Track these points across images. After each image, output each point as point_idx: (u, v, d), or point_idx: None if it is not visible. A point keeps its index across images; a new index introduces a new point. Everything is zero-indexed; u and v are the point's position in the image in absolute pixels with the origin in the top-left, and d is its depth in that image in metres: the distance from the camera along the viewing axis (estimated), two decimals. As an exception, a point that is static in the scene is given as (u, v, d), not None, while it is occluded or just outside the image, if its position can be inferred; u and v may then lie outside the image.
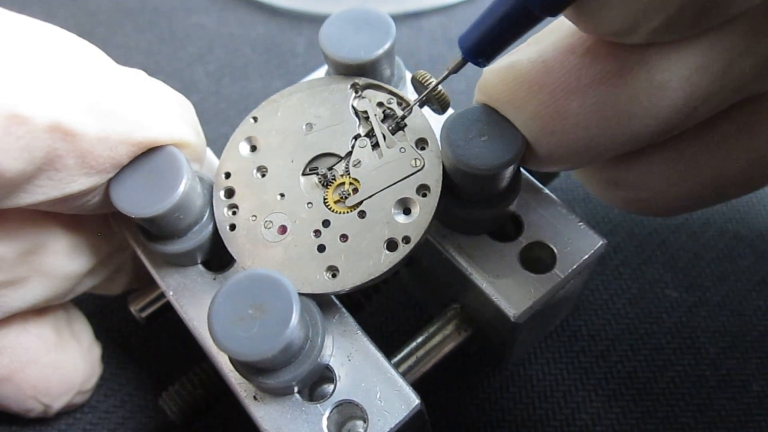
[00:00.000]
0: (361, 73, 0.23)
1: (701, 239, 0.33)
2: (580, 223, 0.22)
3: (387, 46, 0.22)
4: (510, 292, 0.21)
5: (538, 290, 0.21)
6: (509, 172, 0.20)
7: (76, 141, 0.18)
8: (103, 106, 0.19)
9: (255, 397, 0.20)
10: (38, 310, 0.25)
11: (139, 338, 0.30)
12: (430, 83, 0.22)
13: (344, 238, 0.21)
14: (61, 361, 0.25)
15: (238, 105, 0.38)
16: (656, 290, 0.32)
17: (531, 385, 0.29)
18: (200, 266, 0.23)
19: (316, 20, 0.43)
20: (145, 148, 0.20)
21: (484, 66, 0.20)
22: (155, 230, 0.21)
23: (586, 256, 0.21)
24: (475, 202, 0.21)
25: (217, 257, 0.23)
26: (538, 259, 0.22)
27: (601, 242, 0.22)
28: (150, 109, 0.20)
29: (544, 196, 0.23)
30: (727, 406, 0.28)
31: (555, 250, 0.22)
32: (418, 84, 0.22)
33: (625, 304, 0.31)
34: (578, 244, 0.22)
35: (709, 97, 0.18)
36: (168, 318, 0.26)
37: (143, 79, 0.21)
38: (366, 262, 0.20)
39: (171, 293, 0.22)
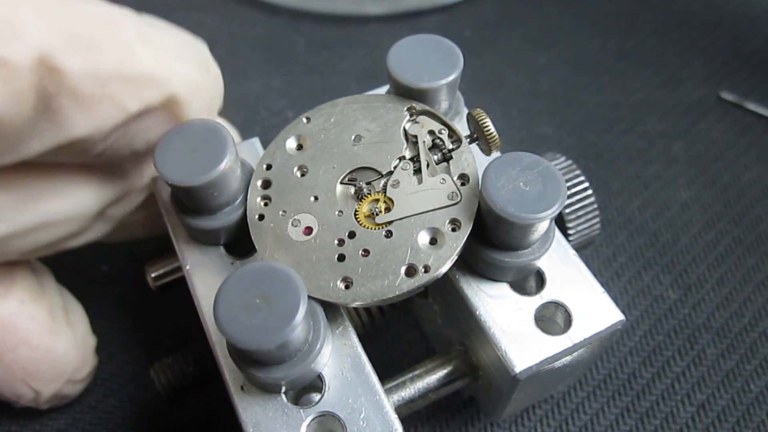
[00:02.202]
0: (420, 98, 0.23)
1: (701, 241, 0.33)
2: (604, 294, 0.22)
3: (450, 78, 0.22)
4: (517, 347, 0.21)
5: (546, 351, 0.21)
6: (543, 225, 0.20)
7: (62, 78, 0.18)
8: (85, 40, 0.18)
9: (242, 388, 0.20)
10: (36, 294, 0.25)
11: (140, 338, 0.30)
12: (485, 122, 0.22)
13: (366, 253, 0.21)
14: (54, 346, 0.25)
15: (237, 104, 0.38)
16: (656, 292, 0.32)
17: (531, 386, 0.29)
18: (222, 248, 0.23)
19: (316, 19, 0.43)
20: (143, 86, 0.19)
21: None
22: (188, 202, 0.22)
23: (602, 329, 0.21)
24: (504, 248, 0.21)
25: (240, 244, 0.23)
26: (552, 320, 0.22)
27: (620, 318, 0.21)
28: (138, 41, 0.19)
29: (573, 259, 0.22)
30: (727, 407, 0.28)
31: (572, 315, 0.21)
32: (472, 121, 0.22)
33: (625, 306, 0.31)
34: (597, 315, 0.21)
35: None
36: (178, 293, 0.26)
37: (131, 14, 0.20)
38: (381, 281, 0.20)
39: (188, 267, 0.23)
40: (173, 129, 0.21)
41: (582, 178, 0.27)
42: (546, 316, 0.22)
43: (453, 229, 0.21)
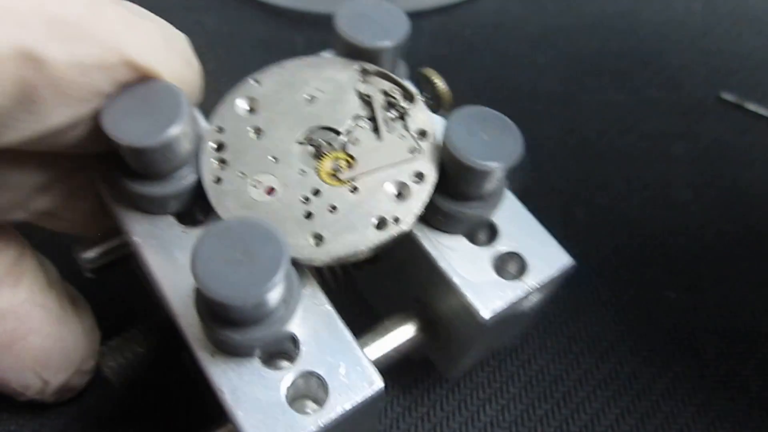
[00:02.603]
0: (369, 60, 0.23)
1: (700, 240, 0.33)
2: (553, 240, 0.23)
3: (400, 39, 0.23)
4: (482, 294, 0.21)
5: (508, 295, 0.21)
6: (500, 174, 0.21)
7: (46, 69, 0.17)
8: (69, 29, 0.17)
9: (212, 355, 0.19)
10: (44, 284, 0.24)
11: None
12: (436, 80, 0.23)
13: (333, 209, 0.21)
14: (64, 334, 0.25)
15: (237, 104, 0.38)
16: (655, 291, 0.32)
17: (531, 386, 0.29)
18: (170, 217, 0.22)
19: (315, 19, 0.43)
20: (126, 75, 0.19)
21: None
22: (138, 167, 0.20)
23: (555, 273, 0.22)
24: (464, 199, 0.22)
25: (191, 213, 0.22)
26: (506, 269, 0.23)
27: (570, 262, 0.22)
28: (123, 30, 0.18)
29: (521, 209, 0.23)
30: (726, 407, 0.28)
31: (527, 262, 0.22)
32: (424, 79, 0.23)
33: (624, 305, 0.31)
34: (549, 260, 0.22)
35: None
36: (116, 274, 0.25)
37: (114, 1, 0.19)
38: (353, 235, 0.20)
39: (136, 239, 0.21)
40: (121, 90, 0.20)
41: None
42: (501, 266, 0.23)
43: (417, 182, 0.21)
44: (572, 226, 0.34)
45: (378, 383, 0.20)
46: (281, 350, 0.20)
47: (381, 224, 0.21)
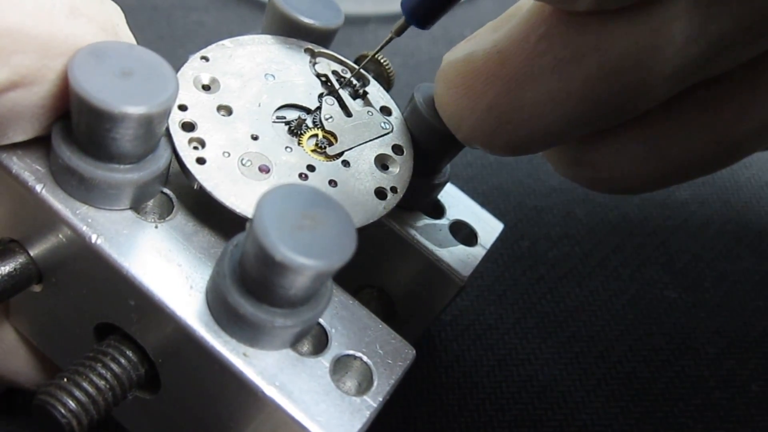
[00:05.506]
0: (312, 41, 0.23)
1: (700, 240, 0.33)
2: (484, 210, 0.26)
3: (340, 21, 0.24)
4: (456, 259, 0.23)
5: (475, 258, 0.24)
6: None
7: None
8: None
9: (245, 354, 0.17)
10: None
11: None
12: (385, 61, 0.23)
13: (333, 183, 0.21)
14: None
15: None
16: (655, 291, 0.32)
17: (530, 385, 0.29)
18: (130, 212, 0.19)
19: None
20: (9, 49, 0.15)
21: (426, 29, 0.21)
22: (112, 146, 0.17)
23: (497, 235, 0.25)
24: (431, 172, 0.23)
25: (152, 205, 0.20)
26: (459, 237, 0.25)
27: (502, 226, 0.26)
28: None
29: (453, 189, 0.26)
30: (726, 407, 0.28)
31: (476, 230, 0.25)
32: (371, 63, 0.24)
33: (624, 305, 0.31)
34: (488, 227, 0.25)
35: (664, 81, 0.17)
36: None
37: None
38: (361, 207, 0.20)
39: (98, 239, 0.18)
40: (83, 50, 0.16)
41: None
42: (455, 233, 0.25)
43: (398, 155, 0.22)
44: (572, 225, 0.34)
45: (411, 351, 0.20)
46: (304, 337, 0.19)
47: (380, 195, 0.21)
